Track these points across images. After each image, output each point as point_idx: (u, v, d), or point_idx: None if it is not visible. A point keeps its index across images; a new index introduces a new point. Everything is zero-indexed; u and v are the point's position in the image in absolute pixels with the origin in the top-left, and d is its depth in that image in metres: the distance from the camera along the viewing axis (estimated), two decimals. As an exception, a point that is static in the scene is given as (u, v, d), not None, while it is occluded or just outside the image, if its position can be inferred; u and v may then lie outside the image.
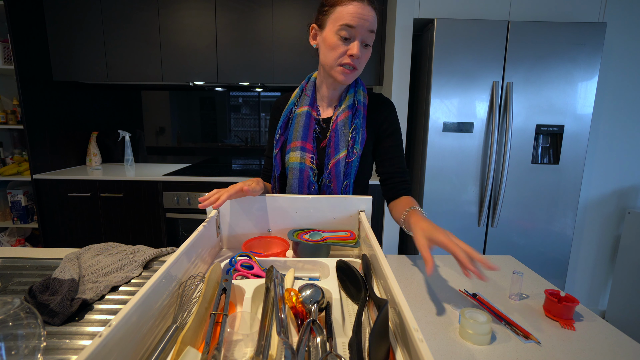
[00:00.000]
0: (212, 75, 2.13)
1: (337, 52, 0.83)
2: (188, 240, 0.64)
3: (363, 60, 0.85)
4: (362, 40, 0.82)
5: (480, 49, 1.67)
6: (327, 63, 0.86)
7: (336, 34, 0.81)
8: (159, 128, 2.56)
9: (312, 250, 0.78)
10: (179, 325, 0.51)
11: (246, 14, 2.06)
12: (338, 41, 0.82)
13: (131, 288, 0.74)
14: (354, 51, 0.81)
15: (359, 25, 0.79)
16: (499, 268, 0.59)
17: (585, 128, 1.73)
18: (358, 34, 0.80)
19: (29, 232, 2.36)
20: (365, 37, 0.81)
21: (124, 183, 2.01)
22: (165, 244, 2.08)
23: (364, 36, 0.81)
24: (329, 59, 0.85)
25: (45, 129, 2.10)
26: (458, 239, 0.63)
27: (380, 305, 0.49)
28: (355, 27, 0.79)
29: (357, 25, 0.79)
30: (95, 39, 2.09)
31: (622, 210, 2.00)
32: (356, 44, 0.81)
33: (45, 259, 0.88)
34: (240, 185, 0.81)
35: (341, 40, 0.81)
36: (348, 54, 0.82)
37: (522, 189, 1.79)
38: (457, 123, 1.73)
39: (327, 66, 0.86)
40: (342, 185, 0.91)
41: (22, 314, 0.48)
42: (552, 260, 1.85)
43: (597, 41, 1.65)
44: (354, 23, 0.79)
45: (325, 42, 0.84)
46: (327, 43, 0.84)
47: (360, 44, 0.81)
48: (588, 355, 0.58)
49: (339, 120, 0.91)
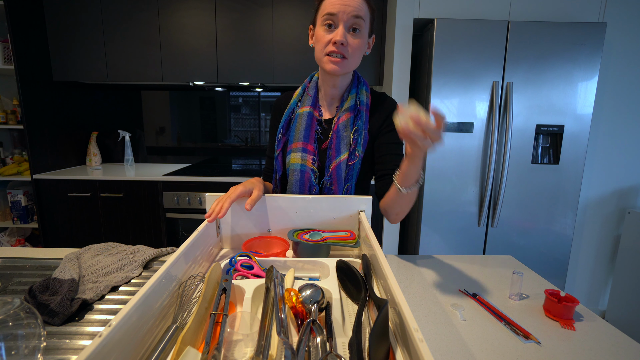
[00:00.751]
0: (212, 75, 2.13)
1: (322, 43, 0.83)
2: (188, 240, 0.64)
3: (354, 49, 0.83)
4: (349, 27, 0.81)
5: (480, 49, 1.67)
6: (317, 57, 0.87)
7: (321, 25, 0.83)
8: (159, 128, 2.56)
9: (312, 250, 0.78)
10: (179, 325, 0.51)
11: (246, 14, 2.06)
12: (323, 32, 0.82)
13: (131, 288, 0.74)
14: (337, 37, 0.80)
15: (340, 11, 0.79)
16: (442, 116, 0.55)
17: (585, 128, 1.73)
18: (340, 20, 0.80)
19: (29, 232, 2.36)
20: (350, 23, 0.81)
21: (124, 183, 2.01)
22: (165, 244, 2.08)
23: (349, 22, 0.80)
24: (317, 53, 0.86)
25: (45, 129, 2.10)
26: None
27: (380, 305, 0.49)
28: (337, 14, 0.80)
29: (338, 11, 0.79)
30: (95, 39, 2.09)
31: (622, 210, 2.00)
32: (339, 30, 0.80)
33: (45, 259, 0.88)
34: (240, 190, 0.80)
35: (325, 31, 0.82)
36: (332, 41, 0.81)
37: (522, 189, 1.79)
38: (457, 123, 1.73)
39: (317, 60, 0.87)
40: (343, 187, 0.90)
41: (22, 314, 0.48)
42: (552, 260, 1.85)
43: (597, 41, 1.65)
44: (335, 10, 0.79)
45: (315, 38, 0.86)
46: (316, 37, 0.86)
47: (344, 30, 0.80)
48: (588, 355, 0.58)
49: (340, 121, 0.90)
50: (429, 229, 1.84)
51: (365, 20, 0.82)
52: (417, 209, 1.90)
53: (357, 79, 0.95)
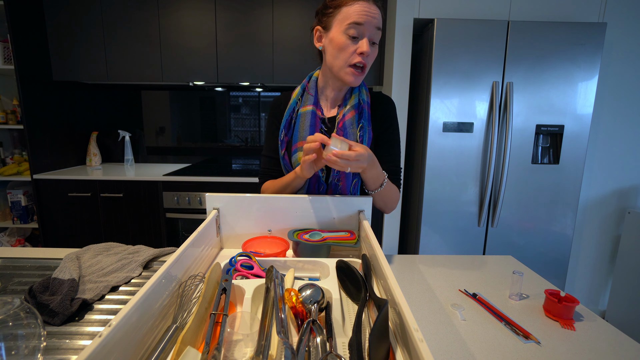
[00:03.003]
0: (212, 75, 2.13)
1: (346, 52, 0.82)
2: (188, 240, 0.64)
3: (371, 59, 0.84)
4: (370, 38, 0.81)
5: (480, 49, 1.67)
6: (336, 64, 0.85)
7: (344, 33, 0.80)
8: (159, 128, 2.56)
9: (312, 250, 0.78)
10: (179, 325, 0.51)
11: (246, 14, 2.06)
12: (347, 40, 0.81)
13: (131, 288, 0.74)
14: (364, 48, 0.79)
15: (367, 22, 0.79)
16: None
17: (585, 128, 1.73)
18: (367, 31, 0.80)
19: (29, 232, 2.36)
20: (372, 35, 0.81)
21: (124, 183, 2.01)
22: (165, 244, 2.08)
23: (372, 33, 0.81)
24: (338, 61, 0.84)
25: (45, 129, 2.10)
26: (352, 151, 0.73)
27: (380, 305, 0.49)
28: (364, 24, 0.79)
29: (365, 22, 0.79)
30: (95, 39, 2.09)
31: (622, 210, 2.00)
32: (365, 41, 0.80)
33: (45, 259, 0.88)
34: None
35: (350, 40, 0.81)
36: (358, 52, 0.81)
37: (522, 189, 1.79)
38: (457, 123, 1.73)
39: (337, 67, 0.85)
40: (351, 183, 0.91)
41: (22, 314, 0.48)
42: (552, 260, 1.85)
43: (597, 41, 1.65)
44: (362, 20, 0.78)
45: (333, 43, 0.83)
46: (334, 44, 0.83)
47: (368, 42, 0.81)
48: (588, 355, 0.58)
49: (346, 119, 0.90)
50: (429, 229, 1.84)
51: (381, 30, 0.83)
52: (417, 209, 1.90)
53: None
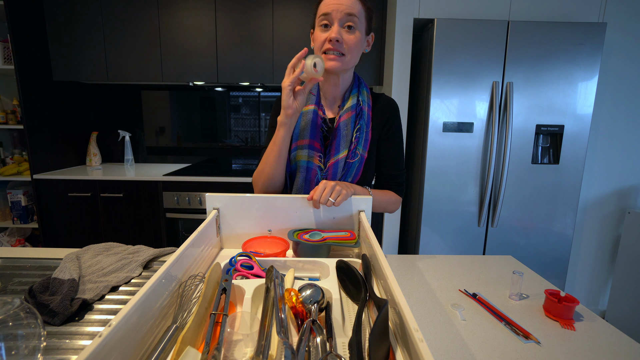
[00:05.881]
0: (212, 75, 2.13)
1: (319, 42, 0.86)
2: (188, 240, 0.64)
3: (350, 45, 0.85)
4: (343, 24, 0.84)
5: (480, 49, 1.67)
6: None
7: (318, 26, 0.86)
8: (159, 128, 2.56)
9: (312, 250, 0.78)
10: (179, 325, 0.51)
11: (246, 14, 2.06)
12: (320, 32, 0.86)
13: (131, 288, 0.74)
14: (332, 34, 0.83)
15: (333, 10, 0.83)
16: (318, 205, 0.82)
17: (585, 128, 1.73)
18: (334, 18, 0.83)
19: (29, 232, 2.36)
20: (344, 21, 0.84)
21: (124, 183, 2.01)
22: (165, 244, 2.08)
23: (343, 19, 0.84)
24: (316, 52, 0.89)
25: (45, 129, 2.10)
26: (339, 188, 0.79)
27: (380, 305, 0.49)
28: (330, 13, 0.83)
29: (331, 10, 0.83)
30: (95, 39, 2.09)
31: (622, 210, 2.00)
32: (333, 28, 0.83)
33: (45, 259, 0.88)
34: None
35: (322, 31, 0.86)
36: (327, 39, 0.84)
37: (522, 189, 1.79)
38: (457, 123, 1.73)
39: None
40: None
41: (22, 314, 0.48)
42: (552, 260, 1.85)
43: (597, 41, 1.65)
44: (329, 10, 0.83)
45: (313, 38, 0.90)
46: (314, 38, 0.89)
47: (339, 28, 0.84)
48: (588, 355, 0.58)
49: (341, 120, 0.92)
50: (429, 229, 1.84)
51: (360, 17, 0.85)
52: (417, 208, 1.90)
53: (357, 80, 0.97)
